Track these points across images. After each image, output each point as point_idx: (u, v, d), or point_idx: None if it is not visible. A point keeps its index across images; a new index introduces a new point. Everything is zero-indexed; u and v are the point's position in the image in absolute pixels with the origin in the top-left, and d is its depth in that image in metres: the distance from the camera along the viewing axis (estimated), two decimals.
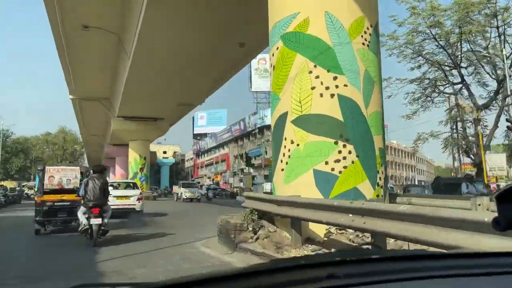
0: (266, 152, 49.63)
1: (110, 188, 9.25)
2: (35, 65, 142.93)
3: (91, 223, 7.43)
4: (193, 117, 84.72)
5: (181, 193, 28.37)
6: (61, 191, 9.82)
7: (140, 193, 14.82)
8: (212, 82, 25.99)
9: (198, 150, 78.77)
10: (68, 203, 9.67)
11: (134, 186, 15.78)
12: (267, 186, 38.94)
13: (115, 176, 54.02)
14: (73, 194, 9.38)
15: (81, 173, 10.22)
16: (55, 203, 9.66)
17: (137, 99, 27.04)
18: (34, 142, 71.81)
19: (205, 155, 75.45)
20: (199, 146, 77.83)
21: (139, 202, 14.36)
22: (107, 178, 11.58)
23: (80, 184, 8.79)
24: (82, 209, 7.66)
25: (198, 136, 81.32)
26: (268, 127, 50.27)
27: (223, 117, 79.39)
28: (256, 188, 37.50)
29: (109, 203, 8.45)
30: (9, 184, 48.19)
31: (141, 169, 33.52)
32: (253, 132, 52.26)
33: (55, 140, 72.84)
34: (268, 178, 36.95)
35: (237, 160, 59.81)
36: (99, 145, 55.13)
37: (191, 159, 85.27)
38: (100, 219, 7.43)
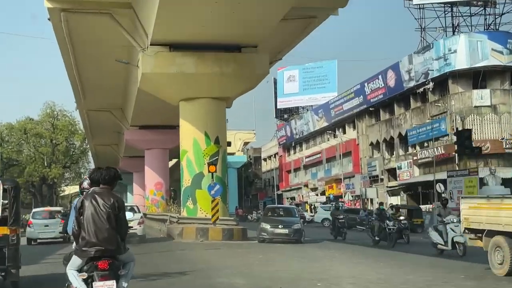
0: (455, 128, 38.46)
1: None
2: None
3: None
4: (274, 80, 75.29)
5: None
6: None
7: (141, 217, 24.64)
8: None
9: (287, 139, 72.70)
10: None
11: (137, 209, 25.33)
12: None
13: (145, 191, 47.83)
14: None
15: (4, 190, 10.54)
16: None
17: None
18: (6, 132, 69.97)
19: (302, 147, 70.18)
20: (290, 131, 70.53)
21: (140, 226, 23.33)
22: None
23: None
24: (74, 260, 6.99)
25: (285, 113, 75.84)
26: (460, 73, 41.41)
27: (331, 75, 71.20)
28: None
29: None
30: None
31: (211, 166, 24.38)
32: (425, 87, 43.50)
33: (40, 130, 69.79)
34: None
35: (377, 151, 52.19)
36: (113, 132, 49.18)
37: (274, 155, 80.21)
38: (113, 284, 6.61)
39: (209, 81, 25.67)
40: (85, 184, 8.38)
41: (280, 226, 23.62)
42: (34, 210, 29.43)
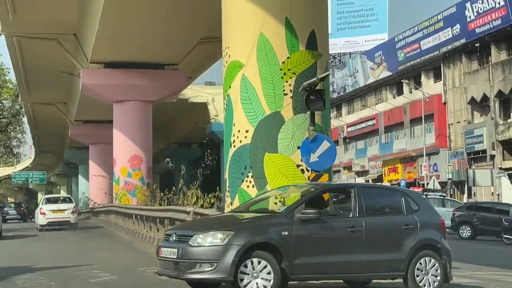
0: None
1: (43, 204, 24.87)
2: None
3: None
4: None
5: None
6: None
7: (74, 206, 31.12)
8: None
9: None
10: None
11: (70, 200, 32.54)
12: None
13: (115, 170, 34.71)
14: None
15: None
16: None
17: None
18: None
19: (341, 111, 58.41)
20: None
21: (73, 215, 29.98)
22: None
23: None
24: None
25: None
26: None
27: (380, 8, 59.02)
28: None
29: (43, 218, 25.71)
30: None
31: (309, 97, 12.13)
32: None
33: None
34: None
35: (481, 113, 40.33)
36: (61, 78, 38.45)
37: None
38: None
39: None
40: None
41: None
42: None
